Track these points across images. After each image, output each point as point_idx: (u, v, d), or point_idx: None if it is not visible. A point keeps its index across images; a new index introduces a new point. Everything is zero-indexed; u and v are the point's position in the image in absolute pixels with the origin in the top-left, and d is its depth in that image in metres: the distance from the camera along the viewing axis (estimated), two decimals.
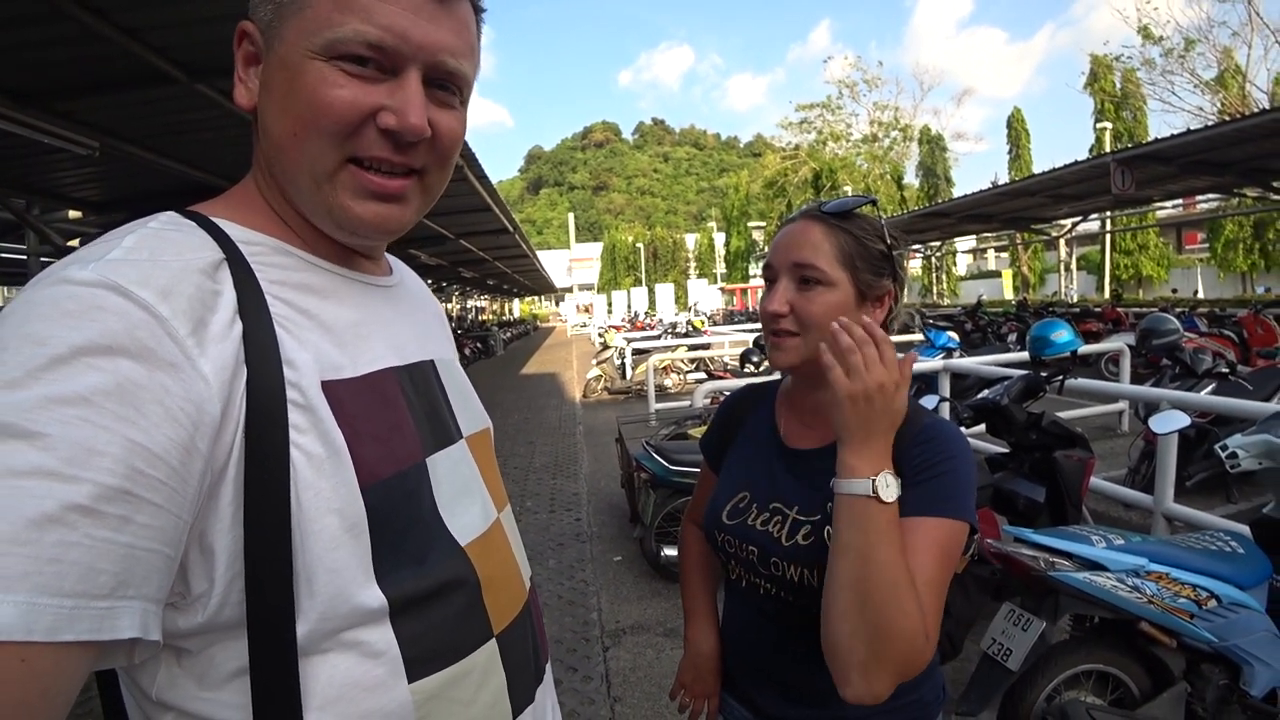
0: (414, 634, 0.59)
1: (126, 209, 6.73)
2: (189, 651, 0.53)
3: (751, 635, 1.10)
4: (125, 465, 0.44)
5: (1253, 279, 22.58)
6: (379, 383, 0.64)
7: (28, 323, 0.46)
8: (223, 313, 0.53)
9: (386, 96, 0.58)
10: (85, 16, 3.05)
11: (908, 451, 0.94)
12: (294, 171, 0.60)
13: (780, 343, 1.01)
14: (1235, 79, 20.83)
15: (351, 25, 0.56)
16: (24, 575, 0.40)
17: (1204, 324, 9.98)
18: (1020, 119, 32.32)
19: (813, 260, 0.98)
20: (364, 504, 0.57)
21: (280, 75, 0.59)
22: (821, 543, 0.97)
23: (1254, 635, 1.96)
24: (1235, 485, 4.63)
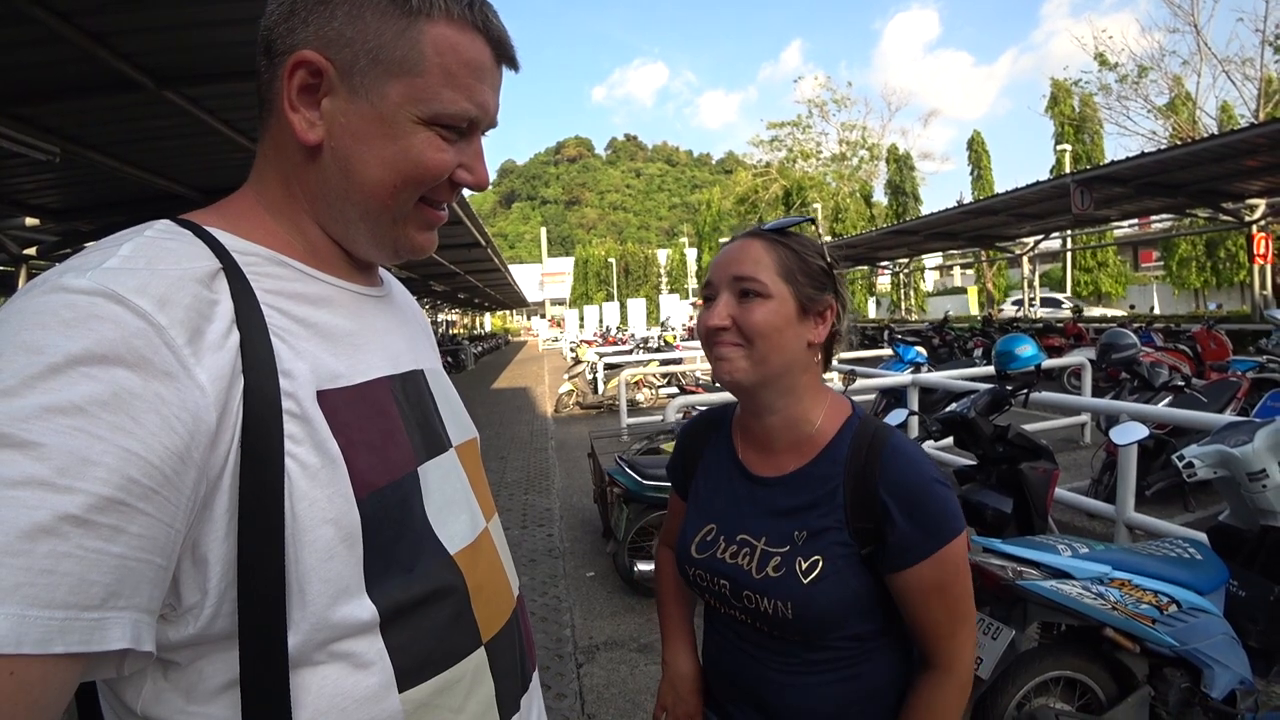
0: (403, 643, 0.59)
1: (87, 216, 6.57)
2: (177, 664, 0.53)
3: (730, 659, 1.09)
4: (120, 475, 0.44)
5: (1205, 295, 23.40)
6: (373, 392, 0.64)
7: (24, 330, 0.45)
8: (219, 322, 0.53)
9: (461, 155, 0.66)
10: (50, 20, 2.98)
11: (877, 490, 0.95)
12: (379, 212, 0.65)
13: (725, 352, 0.99)
14: (1186, 105, 21.67)
15: (461, 105, 0.63)
16: (15, 587, 0.40)
17: (1160, 339, 10.30)
18: (980, 141, 33.19)
19: (753, 273, 0.98)
20: (359, 514, 0.57)
21: (378, 129, 0.62)
22: (793, 573, 0.96)
23: (1213, 639, 2.01)
24: (1192, 494, 4.77)
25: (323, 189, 0.64)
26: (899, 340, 9.68)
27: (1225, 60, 20.54)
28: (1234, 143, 8.92)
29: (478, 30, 0.63)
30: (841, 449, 1.01)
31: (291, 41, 0.60)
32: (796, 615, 0.95)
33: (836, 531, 0.97)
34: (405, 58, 0.60)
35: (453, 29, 0.61)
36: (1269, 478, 2.27)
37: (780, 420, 1.04)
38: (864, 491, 0.96)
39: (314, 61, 0.60)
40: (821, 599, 0.95)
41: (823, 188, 38.74)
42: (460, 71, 0.62)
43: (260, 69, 0.63)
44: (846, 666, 1.00)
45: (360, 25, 0.59)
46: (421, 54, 0.60)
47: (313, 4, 0.60)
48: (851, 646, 0.99)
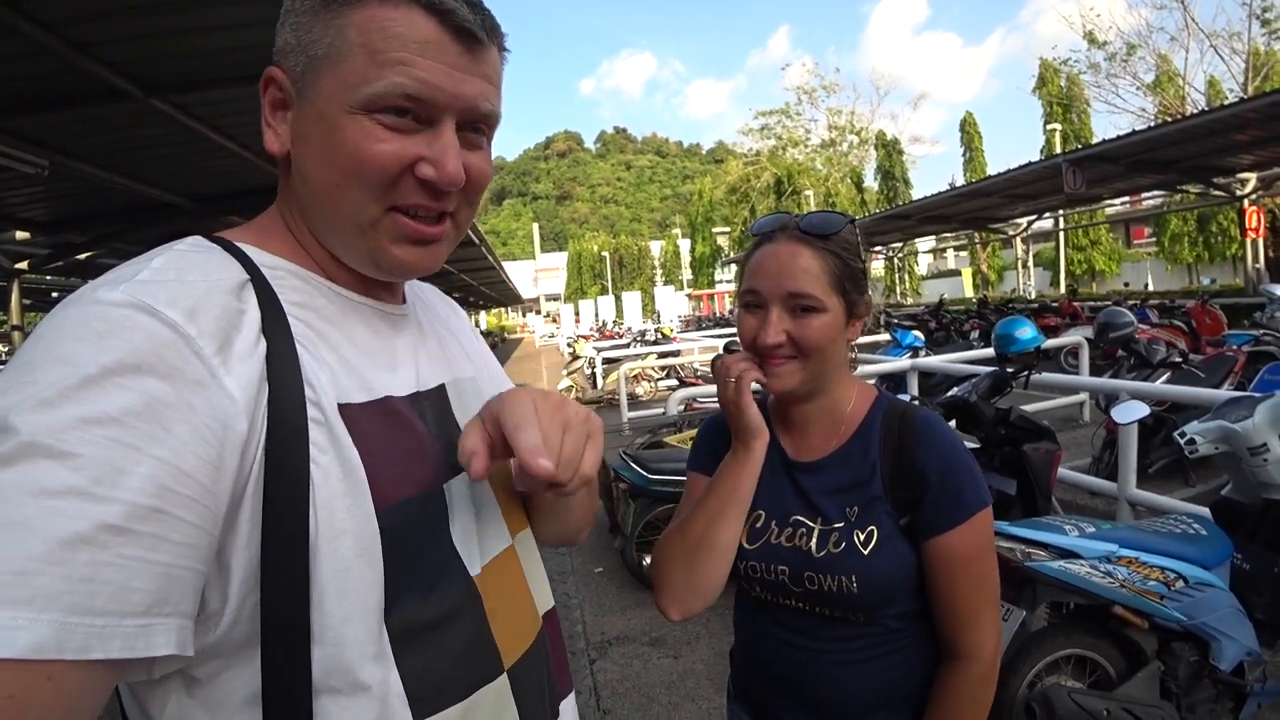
0: (418, 669, 0.58)
1: (78, 228, 6.54)
2: (199, 680, 0.52)
3: (770, 652, 1.09)
4: (155, 484, 0.44)
5: (1198, 270, 23.51)
6: (393, 408, 0.64)
7: (59, 343, 0.46)
8: (247, 331, 0.54)
9: (424, 147, 0.59)
10: (35, 31, 2.96)
11: (915, 457, 0.99)
12: (337, 219, 0.61)
13: (779, 367, 1.01)
14: (1174, 82, 21.68)
15: (389, 79, 0.57)
16: (57, 595, 0.40)
17: (1156, 315, 10.34)
18: (973, 122, 33.24)
19: (809, 290, 0.98)
20: (378, 527, 0.56)
21: (318, 128, 0.59)
22: (853, 546, 0.99)
23: (1220, 612, 2.03)
24: (1193, 469, 4.80)
25: (299, 200, 0.64)
26: (896, 325, 9.69)
27: (1213, 35, 20.60)
28: (1224, 118, 8.95)
29: (413, 3, 0.58)
30: (874, 427, 1.06)
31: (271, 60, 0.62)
32: (861, 587, 0.98)
33: (881, 502, 1.01)
34: (332, 48, 0.58)
35: (381, 8, 0.57)
36: (1270, 452, 2.28)
37: (817, 408, 1.08)
38: (901, 462, 1.01)
39: (274, 75, 0.61)
40: (881, 568, 0.98)
41: (813, 174, 38.72)
42: (385, 47, 0.57)
43: None
44: (895, 647, 1.03)
45: (300, 30, 0.59)
46: (346, 39, 0.57)
47: (279, 23, 0.62)
48: (899, 626, 1.03)
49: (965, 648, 1.00)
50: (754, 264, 1.04)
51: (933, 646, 1.05)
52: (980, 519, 0.98)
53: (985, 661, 1.00)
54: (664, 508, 4.04)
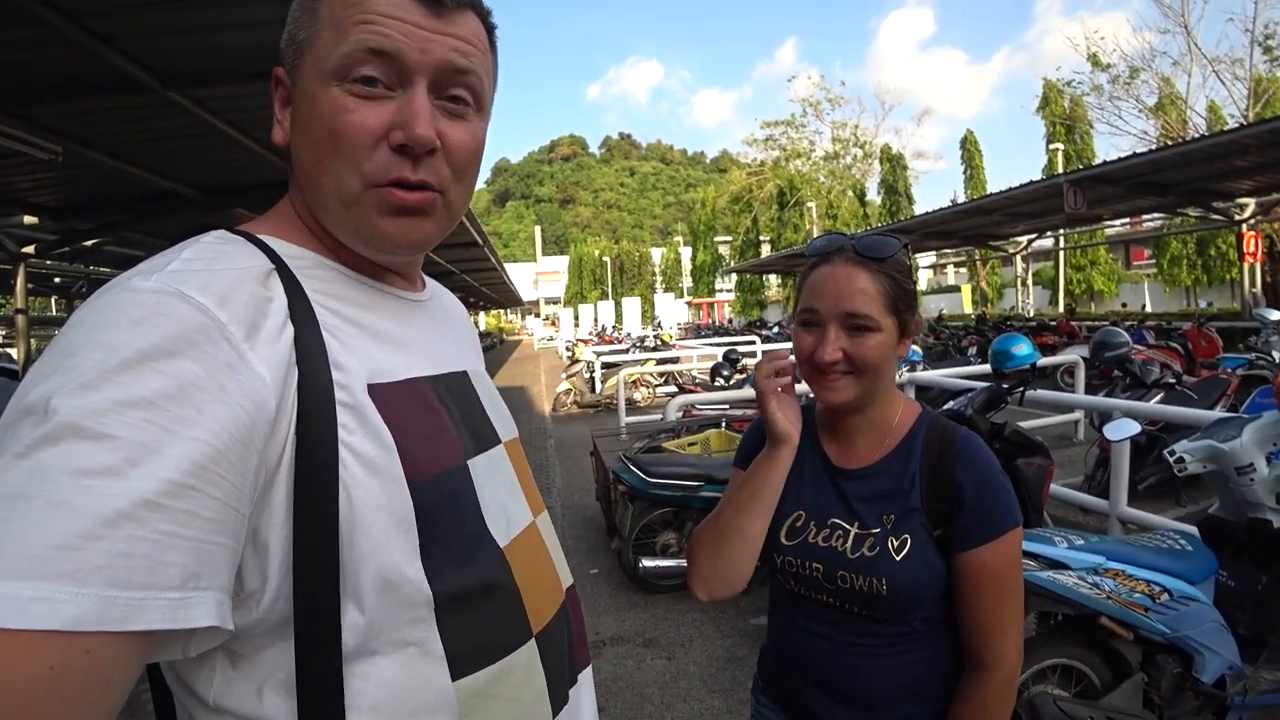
0: (457, 632, 0.61)
1: (85, 215, 6.57)
2: (242, 655, 0.55)
3: (802, 645, 1.15)
4: (190, 463, 0.46)
5: (1196, 293, 23.60)
6: (419, 388, 0.67)
7: (97, 329, 0.49)
8: (275, 317, 0.56)
9: (394, 113, 0.60)
10: (58, 21, 3.00)
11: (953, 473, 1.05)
12: (323, 196, 0.63)
13: (835, 382, 1.06)
14: (1175, 105, 21.83)
15: (353, 38, 0.59)
16: (97, 569, 0.42)
17: (1152, 337, 10.39)
18: (973, 140, 33.35)
19: (867, 310, 1.04)
20: (412, 501, 0.59)
21: (302, 108, 0.63)
22: (886, 552, 1.04)
23: (1203, 626, 2.08)
24: (1184, 489, 4.85)
25: (298, 184, 0.67)
26: None
27: (1215, 60, 20.74)
28: (1224, 143, 9.03)
29: None
30: (917, 441, 1.11)
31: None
32: (890, 590, 1.03)
33: (917, 514, 1.06)
34: (309, 31, 0.62)
35: None
36: (1256, 472, 2.33)
37: (865, 420, 1.14)
38: (940, 475, 1.06)
39: (278, 74, 0.66)
40: (912, 575, 1.04)
41: (816, 186, 38.84)
42: (347, 13, 0.59)
43: None
44: (918, 646, 1.08)
45: (291, 26, 0.64)
46: (318, 19, 0.61)
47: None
48: (924, 629, 1.07)
49: (990, 658, 1.04)
50: (812, 284, 1.10)
51: (953, 650, 1.10)
52: (1011, 537, 1.03)
53: (1008, 672, 1.04)
54: (661, 511, 4.08)
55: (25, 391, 0.47)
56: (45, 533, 0.41)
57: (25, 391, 0.47)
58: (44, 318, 27.38)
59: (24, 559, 0.40)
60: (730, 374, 9.78)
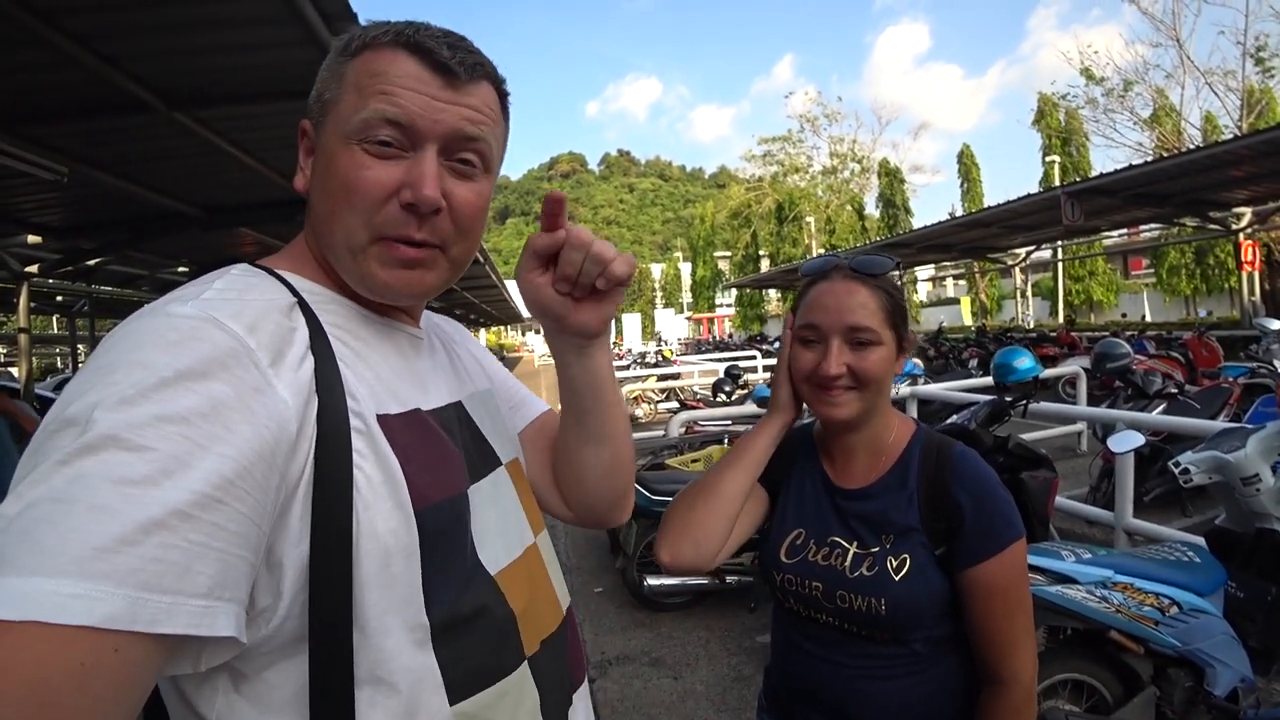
0: (453, 657, 0.62)
1: (89, 234, 6.60)
2: (245, 675, 0.56)
3: (803, 664, 1.14)
4: (219, 476, 0.49)
5: (1195, 302, 23.67)
6: (421, 420, 0.70)
7: (138, 349, 0.52)
8: (298, 347, 0.60)
9: (405, 174, 0.64)
10: (65, 43, 3.03)
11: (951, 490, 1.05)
12: (333, 243, 0.67)
13: (838, 397, 1.07)
14: (1170, 117, 22.00)
15: (373, 105, 0.63)
16: (131, 572, 0.44)
17: (1153, 346, 10.41)
18: (970, 154, 33.61)
19: (867, 323, 1.05)
20: (417, 527, 0.61)
21: (322, 161, 0.67)
22: (885, 571, 1.04)
23: (1214, 639, 2.06)
24: (1190, 499, 4.83)
25: (313, 229, 0.71)
26: None
27: (1208, 72, 20.92)
28: (1219, 154, 9.10)
29: (399, 47, 0.65)
30: (913, 458, 1.11)
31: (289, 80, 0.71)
32: (889, 610, 1.03)
33: (917, 533, 1.06)
34: (335, 92, 0.66)
35: (370, 54, 0.66)
36: (1262, 482, 2.33)
37: (862, 438, 1.14)
38: (938, 493, 1.06)
39: (304, 127, 0.71)
40: (911, 594, 1.03)
41: (814, 201, 39.06)
42: (369, 82, 0.64)
43: None
44: (920, 668, 1.07)
45: (320, 85, 0.69)
46: (343, 83, 0.66)
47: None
48: (926, 647, 1.07)
49: (1006, 673, 1.03)
50: (811, 300, 1.10)
51: (958, 672, 1.09)
52: (1014, 550, 1.03)
53: (1025, 685, 1.04)
54: None
55: (65, 404, 0.49)
56: (86, 534, 0.43)
57: (65, 404, 0.49)
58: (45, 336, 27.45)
59: (65, 558, 0.42)
60: (732, 390, 9.79)
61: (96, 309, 13.71)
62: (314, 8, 2.88)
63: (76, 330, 15.07)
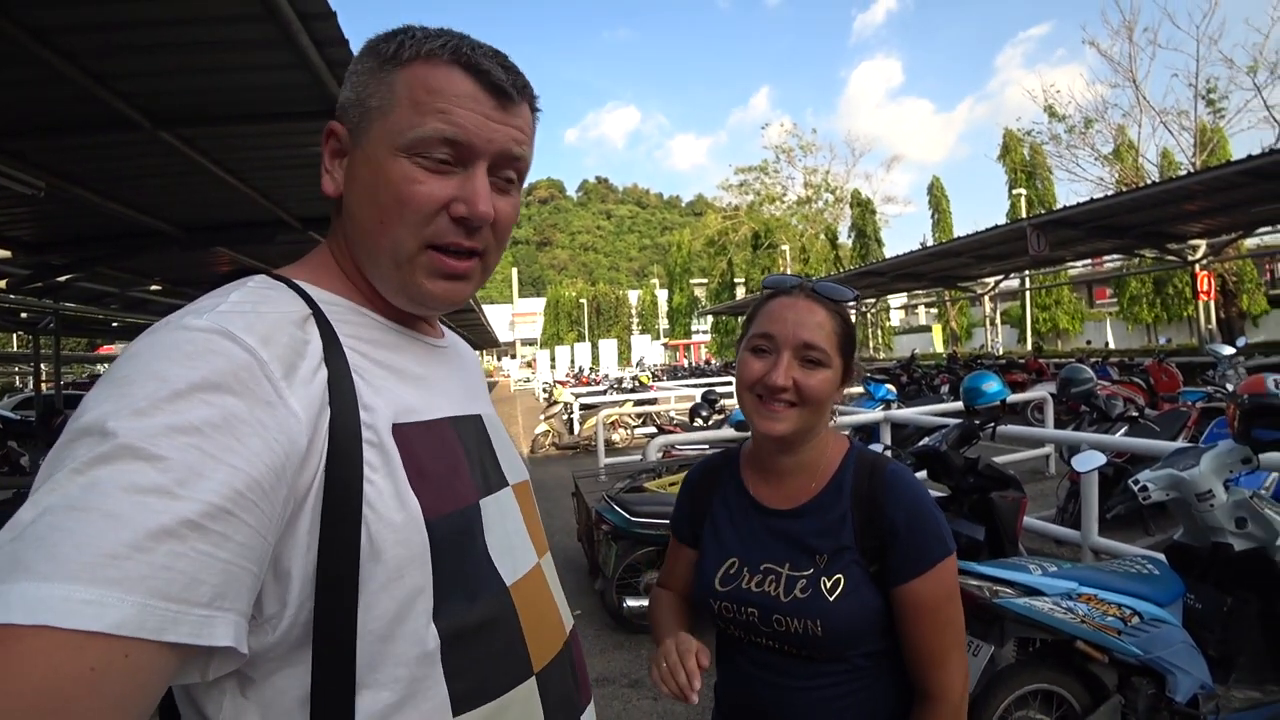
0: (460, 668, 0.63)
1: (62, 250, 6.49)
2: (253, 680, 0.57)
3: (752, 685, 1.13)
4: (228, 488, 0.50)
5: (1155, 330, 24.41)
6: (440, 428, 0.71)
7: (153, 361, 0.53)
8: (310, 359, 0.61)
9: (458, 189, 0.66)
10: (54, 60, 3.04)
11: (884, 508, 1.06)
12: (377, 253, 0.68)
13: (779, 412, 1.07)
14: (1129, 153, 22.86)
15: (431, 124, 0.65)
16: (142, 579, 0.45)
17: (1116, 372, 10.69)
18: (940, 186, 34.53)
19: (821, 343, 1.07)
20: (428, 538, 0.62)
21: (366, 170, 0.67)
22: (819, 593, 1.05)
23: (1174, 647, 2.15)
24: (1152, 519, 4.98)
25: (347, 235, 0.71)
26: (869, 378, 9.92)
27: (1163, 112, 21.82)
28: (1174, 189, 9.53)
29: (455, 64, 0.66)
30: (846, 477, 1.12)
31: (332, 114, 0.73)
32: (825, 631, 1.04)
33: (850, 551, 1.07)
34: (383, 100, 0.66)
35: (425, 67, 0.66)
36: (1215, 498, 2.43)
37: (796, 461, 1.15)
38: (871, 511, 1.07)
39: (334, 128, 0.71)
40: (846, 614, 1.04)
41: (789, 230, 39.68)
42: (428, 98, 0.65)
43: None
44: (864, 682, 1.08)
45: (359, 89, 0.69)
46: (394, 94, 0.66)
47: (343, 84, 0.72)
48: (866, 665, 1.08)
49: (935, 688, 1.05)
50: (769, 311, 1.11)
51: (898, 684, 1.10)
52: (944, 567, 1.05)
53: (954, 701, 1.05)
54: (645, 550, 4.08)
55: (81, 414, 0.51)
56: (100, 541, 0.44)
57: (81, 414, 0.51)
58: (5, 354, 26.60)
59: (79, 564, 0.43)
60: (709, 414, 9.86)
61: (62, 326, 13.37)
62: (307, 34, 2.94)
63: (41, 348, 14.66)
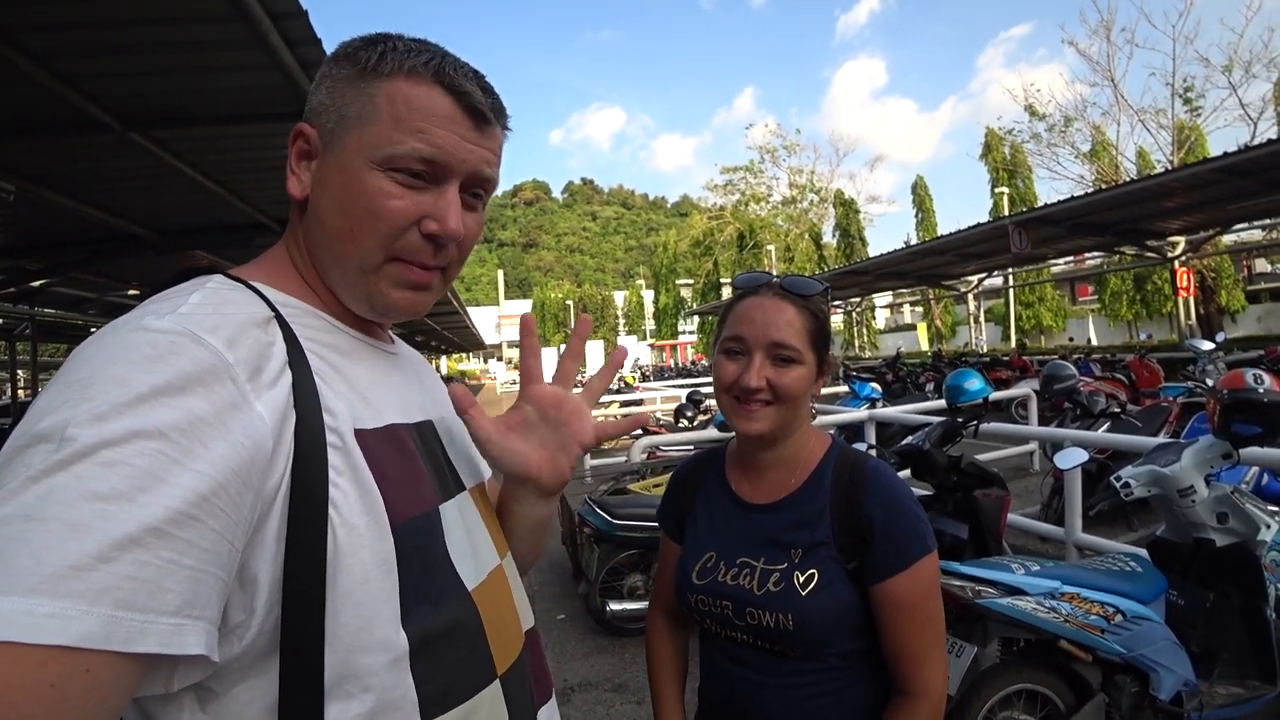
0: (427, 674, 0.62)
1: (34, 254, 6.38)
2: (214, 692, 0.54)
3: (728, 686, 1.13)
4: (194, 493, 0.48)
5: (1136, 327, 24.74)
6: (398, 434, 0.70)
7: (113, 364, 0.51)
8: (275, 361, 0.59)
9: (430, 206, 0.67)
10: (21, 61, 2.98)
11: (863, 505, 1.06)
12: (344, 260, 0.68)
13: (755, 412, 1.08)
14: (1107, 151, 23.15)
15: (410, 144, 0.65)
16: (105, 590, 0.43)
17: (1098, 369, 10.80)
18: (923, 185, 34.84)
19: (791, 341, 1.07)
20: (393, 542, 0.61)
21: (339, 178, 0.66)
22: (791, 586, 1.05)
23: (1157, 644, 2.15)
24: (1135, 514, 5.02)
25: (308, 238, 0.70)
26: (854, 377, 9.94)
27: (1141, 110, 22.15)
28: (1152, 186, 9.63)
29: (437, 83, 0.66)
30: (826, 473, 1.13)
31: (302, 115, 0.71)
32: (797, 625, 1.03)
33: (827, 547, 1.07)
34: (362, 111, 0.66)
35: (407, 83, 0.66)
36: (1197, 493, 2.44)
37: (777, 455, 1.15)
38: (851, 508, 1.07)
39: (304, 130, 0.69)
40: (818, 609, 1.03)
41: (774, 230, 39.84)
42: (409, 116, 0.65)
43: None
44: (840, 685, 1.07)
45: (334, 93, 0.68)
46: (375, 105, 0.65)
47: (314, 85, 0.71)
48: (843, 665, 1.07)
49: (915, 685, 1.04)
50: (739, 313, 1.12)
51: (876, 686, 1.10)
52: (924, 565, 1.04)
53: (934, 699, 1.04)
54: (628, 553, 4.05)
55: (36, 419, 0.48)
56: (61, 552, 0.42)
57: (36, 419, 0.48)
58: None
59: (38, 576, 0.41)
60: (694, 415, 9.85)
61: (39, 333, 13.16)
62: (278, 33, 2.89)
63: (16, 355, 14.40)
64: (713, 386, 1.16)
